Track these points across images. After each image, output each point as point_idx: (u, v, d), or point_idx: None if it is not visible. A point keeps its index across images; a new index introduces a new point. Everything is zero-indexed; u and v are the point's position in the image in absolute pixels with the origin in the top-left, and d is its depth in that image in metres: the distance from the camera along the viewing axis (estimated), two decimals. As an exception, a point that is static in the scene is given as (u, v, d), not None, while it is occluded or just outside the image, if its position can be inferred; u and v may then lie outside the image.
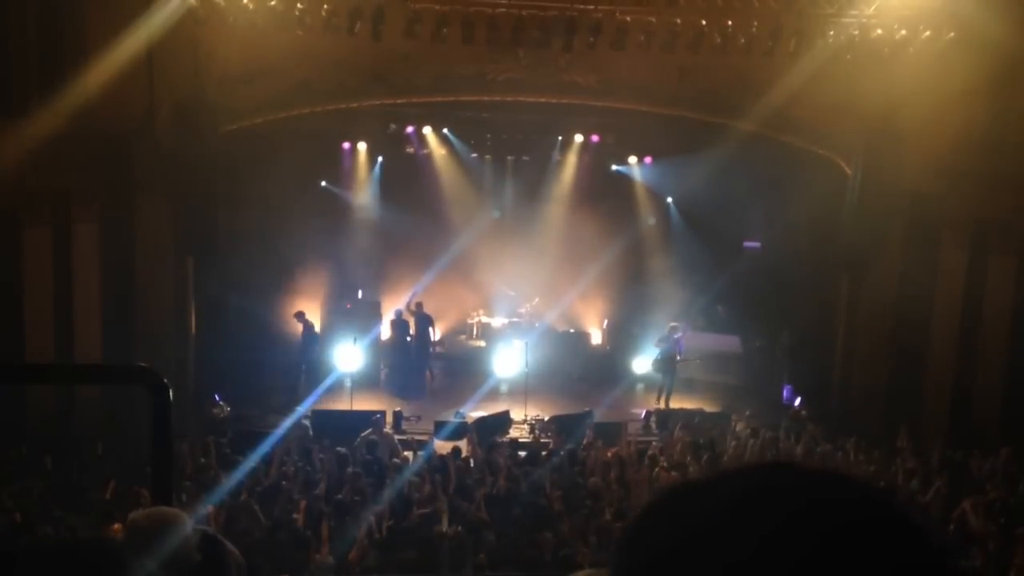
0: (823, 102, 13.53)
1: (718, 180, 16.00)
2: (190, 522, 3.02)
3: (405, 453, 11.72)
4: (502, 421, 14.03)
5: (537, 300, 18.63)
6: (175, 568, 2.86)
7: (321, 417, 13.64)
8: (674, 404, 15.18)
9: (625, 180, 19.12)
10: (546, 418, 14.16)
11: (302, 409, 14.01)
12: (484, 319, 18.69)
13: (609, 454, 11.46)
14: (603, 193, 18.61)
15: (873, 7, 12.88)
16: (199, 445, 10.93)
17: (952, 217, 13.94)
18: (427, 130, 17.89)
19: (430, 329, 16.87)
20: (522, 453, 11.75)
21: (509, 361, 16.35)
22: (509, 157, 18.85)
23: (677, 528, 0.82)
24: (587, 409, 14.10)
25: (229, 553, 3.24)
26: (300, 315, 16.21)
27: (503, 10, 12.93)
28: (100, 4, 12.37)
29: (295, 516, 8.78)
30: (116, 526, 8.21)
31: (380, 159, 18.49)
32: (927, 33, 12.84)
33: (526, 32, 13.07)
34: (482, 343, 18.31)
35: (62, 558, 0.98)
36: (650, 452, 11.78)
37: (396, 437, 12.77)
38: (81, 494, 9.72)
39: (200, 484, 9.60)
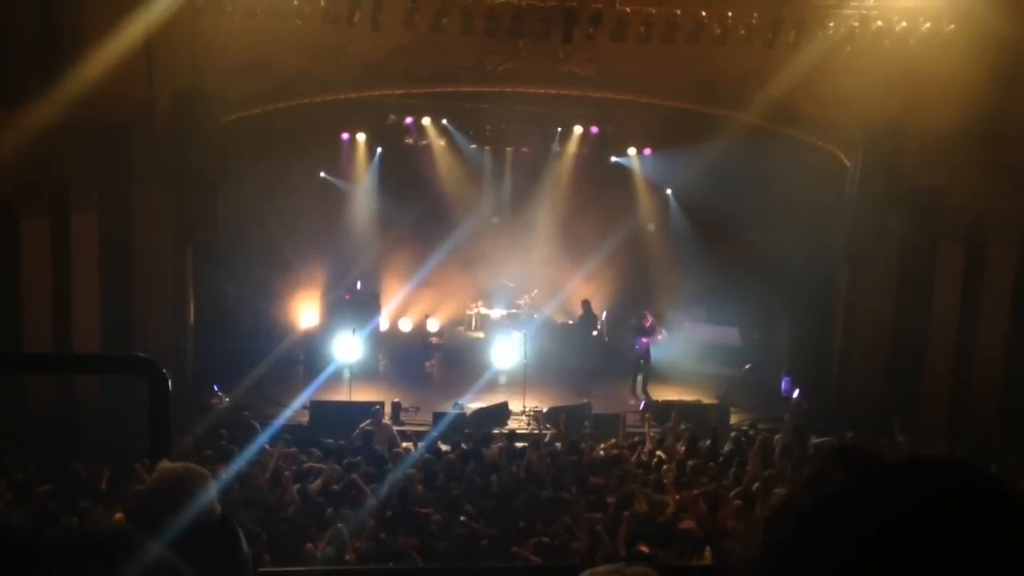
0: (823, 94, 13.51)
1: (718, 172, 15.97)
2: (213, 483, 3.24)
3: (405, 444, 11.75)
4: (500, 412, 14.05)
5: (536, 291, 18.63)
6: (200, 523, 3.03)
7: (320, 408, 13.65)
8: (673, 396, 15.17)
9: (624, 172, 19.08)
10: (544, 410, 14.17)
11: (300, 400, 14.03)
12: (483, 310, 18.67)
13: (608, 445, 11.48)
14: (602, 185, 18.57)
15: (873, -1, 12.86)
16: (200, 436, 10.95)
17: (951, 210, 13.94)
18: (426, 121, 17.85)
19: None
20: (519, 444, 11.76)
21: (508, 352, 16.34)
22: (508, 148, 18.81)
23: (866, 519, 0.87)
24: (585, 401, 14.12)
25: (238, 528, 3.37)
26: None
27: (502, 0, 12.90)
28: (99, -7, 12.34)
29: (293, 506, 8.80)
30: (118, 515, 8.23)
31: (379, 150, 18.44)
32: (927, 25, 12.81)
33: (525, 23, 13.03)
34: (481, 334, 18.30)
35: (83, 548, 0.98)
36: (647, 444, 11.81)
37: (395, 428, 12.80)
38: (80, 484, 9.72)
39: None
